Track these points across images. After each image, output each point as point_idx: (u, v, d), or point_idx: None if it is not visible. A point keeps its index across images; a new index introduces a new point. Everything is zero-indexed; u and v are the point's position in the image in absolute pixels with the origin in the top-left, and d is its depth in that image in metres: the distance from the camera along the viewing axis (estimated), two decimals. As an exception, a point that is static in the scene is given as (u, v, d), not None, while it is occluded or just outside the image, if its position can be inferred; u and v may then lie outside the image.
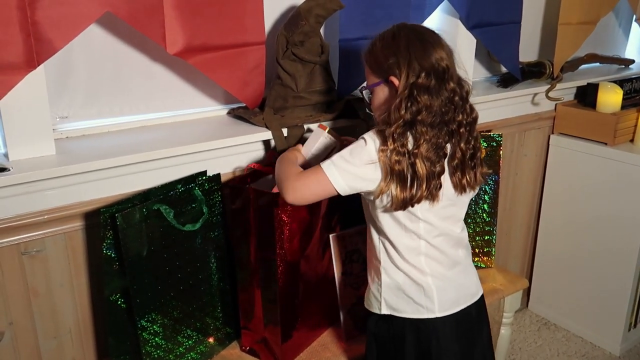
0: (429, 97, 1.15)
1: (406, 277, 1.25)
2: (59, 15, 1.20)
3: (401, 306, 1.26)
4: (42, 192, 1.29)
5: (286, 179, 1.23)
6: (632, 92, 2.41)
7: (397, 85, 1.18)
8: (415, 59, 1.17)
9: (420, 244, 1.23)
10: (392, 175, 1.15)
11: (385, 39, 1.22)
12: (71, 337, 1.42)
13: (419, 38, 1.19)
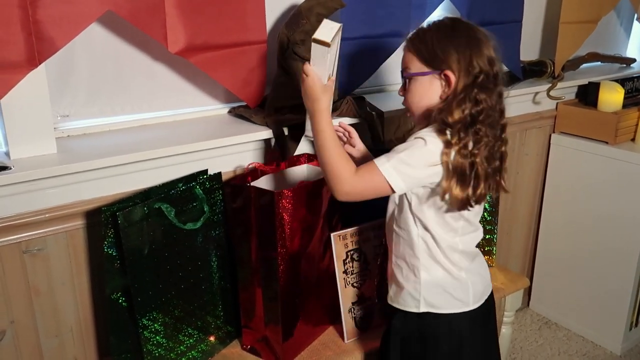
0: (488, 98, 1.17)
1: (446, 273, 1.26)
2: (61, 14, 1.20)
3: (440, 302, 1.27)
4: (43, 191, 1.29)
5: (339, 176, 1.18)
6: (634, 91, 2.40)
7: (453, 81, 1.18)
8: (475, 57, 1.18)
9: (457, 240, 1.26)
10: (454, 175, 1.15)
11: (443, 29, 1.21)
12: (72, 336, 1.42)
13: (476, 36, 1.20)
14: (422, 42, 1.22)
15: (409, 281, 1.29)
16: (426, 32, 1.22)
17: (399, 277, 1.31)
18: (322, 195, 1.45)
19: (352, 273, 1.52)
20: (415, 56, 1.22)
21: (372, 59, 1.81)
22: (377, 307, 1.55)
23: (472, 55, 1.18)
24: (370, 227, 1.54)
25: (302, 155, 1.59)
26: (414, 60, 1.22)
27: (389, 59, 1.85)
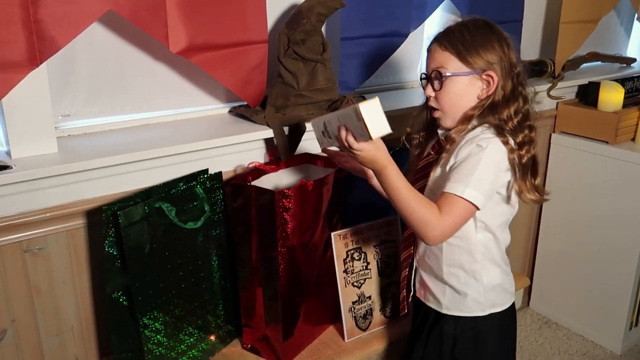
0: (527, 97, 1.24)
1: (501, 271, 1.29)
2: (62, 13, 1.20)
3: (501, 300, 1.30)
4: (44, 190, 1.29)
5: (427, 223, 1.12)
6: (634, 90, 2.40)
7: (496, 81, 1.19)
8: (512, 56, 1.21)
9: (506, 236, 1.30)
10: (524, 171, 1.19)
11: (481, 29, 1.21)
12: (73, 335, 1.42)
13: (506, 35, 1.23)
14: (461, 42, 1.19)
15: (470, 286, 1.27)
16: (464, 32, 1.20)
17: (456, 285, 1.28)
18: (322, 195, 1.45)
19: (352, 272, 1.52)
20: (453, 56, 1.19)
21: (373, 59, 1.81)
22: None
23: (510, 55, 1.20)
24: (370, 227, 1.54)
25: (303, 154, 1.59)
26: (452, 60, 1.20)
27: (390, 58, 1.85)
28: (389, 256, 1.59)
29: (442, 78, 1.20)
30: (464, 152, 1.17)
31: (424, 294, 1.35)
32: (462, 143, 1.19)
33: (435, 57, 1.22)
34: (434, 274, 1.30)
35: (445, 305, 1.30)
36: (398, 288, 1.60)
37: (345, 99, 1.65)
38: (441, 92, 1.22)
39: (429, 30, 2.07)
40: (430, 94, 1.24)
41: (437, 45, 1.22)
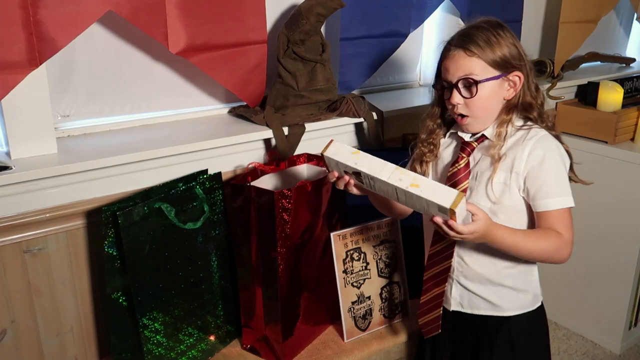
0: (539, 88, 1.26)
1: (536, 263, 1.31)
2: (61, 14, 1.20)
3: (540, 291, 1.33)
4: (43, 191, 1.30)
5: (554, 253, 1.18)
6: (633, 90, 2.40)
7: (522, 80, 1.20)
8: (525, 53, 1.22)
9: None
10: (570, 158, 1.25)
11: (499, 29, 1.19)
12: (73, 335, 1.43)
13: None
14: (486, 45, 1.17)
15: (526, 282, 1.29)
16: (485, 34, 1.17)
17: (512, 284, 1.28)
18: (321, 195, 1.45)
19: (351, 272, 1.52)
20: (481, 60, 1.17)
21: (373, 59, 1.81)
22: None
23: (524, 51, 1.22)
24: (369, 227, 1.54)
25: (302, 155, 1.59)
26: (481, 64, 1.17)
27: (389, 58, 1.85)
28: (389, 256, 1.59)
29: (474, 85, 1.17)
30: (534, 159, 1.18)
31: (468, 304, 1.31)
32: (513, 145, 1.21)
33: (462, 64, 1.18)
34: (486, 279, 1.27)
35: (503, 307, 1.29)
36: (399, 289, 1.60)
37: (344, 100, 1.65)
38: (474, 99, 1.19)
39: (428, 31, 2.08)
40: (458, 101, 1.20)
41: (461, 51, 1.18)
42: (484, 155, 1.24)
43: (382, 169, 1.08)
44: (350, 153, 1.12)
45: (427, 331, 1.33)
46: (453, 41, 1.20)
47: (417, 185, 1.05)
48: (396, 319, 1.62)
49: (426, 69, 2.13)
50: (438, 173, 1.33)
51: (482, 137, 1.25)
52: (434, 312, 1.30)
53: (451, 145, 1.32)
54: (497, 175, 1.21)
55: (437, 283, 1.29)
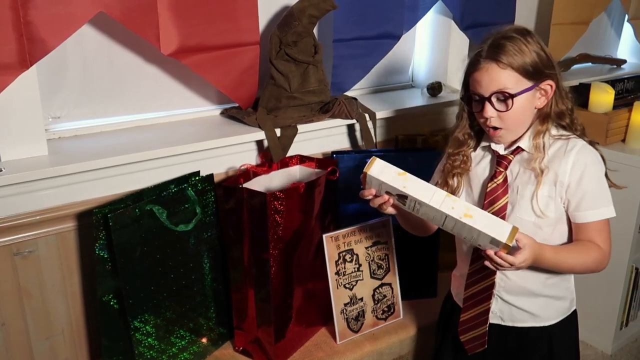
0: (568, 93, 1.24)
1: None
2: (52, 16, 1.20)
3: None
4: (34, 193, 1.29)
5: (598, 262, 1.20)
6: (624, 92, 2.41)
7: (554, 88, 1.17)
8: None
9: None
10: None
11: (528, 36, 1.15)
12: (64, 338, 1.42)
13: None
14: (521, 56, 1.13)
15: (566, 289, 1.30)
16: (517, 44, 1.13)
17: (554, 293, 1.28)
18: (314, 197, 1.45)
19: (344, 274, 1.52)
20: (515, 72, 1.13)
21: (365, 61, 1.81)
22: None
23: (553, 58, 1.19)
24: (362, 229, 1.54)
25: (295, 156, 1.59)
26: (515, 77, 1.13)
27: (382, 60, 1.85)
28: (381, 258, 1.59)
29: (509, 99, 1.14)
30: (577, 171, 1.18)
31: (509, 317, 1.29)
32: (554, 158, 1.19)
33: (495, 78, 1.13)
34: (529, 291, 1.26)
35: (544, 317, 1.29)
36: (391, 290, 1.60)
37: (337, 101, 1.65)
38: (510, 112, 1.15)
39: (421, 32, 2.08)
40: (492, 115, 1.16)
41: (493, 63, 1.13)
42: (522, 168, 1.21)
43: (432, 196, 1.06)
44: (397, 174, 1.08)
45: (471, 347, 1.30)
46: (483, 52, 1.15)
47: (470, 215, 1.04)
48: (389, 321, 1.62)
49: (418, 71, 2.14)
50: (473, 189, 1.27)
51: (517, 149, 1.21)
52: (480, 329, 1.28)
53: (485, 159, 1.27)
54: (542, 189, 1.18)
55: (481, 300, 1.26)
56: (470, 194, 1.28)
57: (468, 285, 1.27)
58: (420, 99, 1.97)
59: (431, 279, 1.74)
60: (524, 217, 1.19)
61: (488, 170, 1.25)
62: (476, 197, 1.26)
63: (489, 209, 1.20)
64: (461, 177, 1.28)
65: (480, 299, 1.26)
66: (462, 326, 1.30)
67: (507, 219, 1.20)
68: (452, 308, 1.38)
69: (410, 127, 1.90)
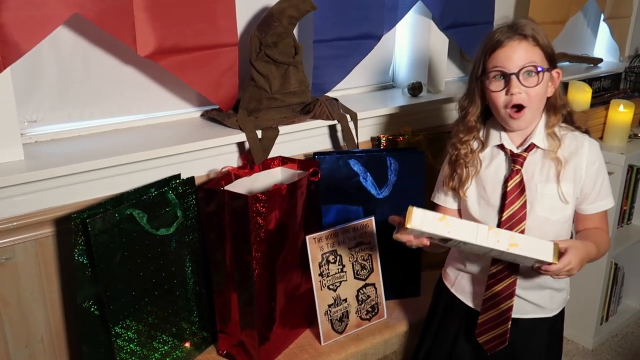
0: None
1: None
2: (26, 18, 1.17)
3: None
4: (10, 199, 1.26)
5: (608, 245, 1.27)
6: (601, 90, 2.46)
7: (559, 78, 1.24)
8: None
9: None
10: None
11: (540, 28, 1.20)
12: (43, 346, 1.39)
13: None
14: (543, 40, 1.19)
15: (566, 281, 1.34)
16: (538, 29, 1.19)
17: (557, 285, 1.31)
18: (296, 198, 1.44)
19: (327, 275, 1.52)
20: (542, 52, 1.18)
21: (346, 61, 1.81)
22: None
23: None
24: (345, 230, 1.54)
25: (276, 158, 1.58)
26: (541, 56, 1.19)
27: (362, 60, 1.86)
28: (364, 258, 1.59)
29: (539, 73, 1.17)
30: (590, 167, 1.22)
31: (518, 309, 1.29)
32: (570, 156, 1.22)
33: (525, 52, 1.16)
34: (537, 284, 1.28)
35: (550, 308, 1.33)
36: (375, 290, 1.60)
37: (318, 102, 1.65)
38: (537, 86, 1.18)
39: (401, 33, 2.09)
40: (519, 90, 1.17)
41: (524, 41, 1.16)
42: (539, 166, 1.23)
43: (477, 234, 1.08)
44: (437, 220, 1.08)
45: (492, 347, 1.30)
46: (508, 32, 1.18)
47: (516, 244, 1.07)
48: (373, 321, 1.62)
49: (399, 71, 2.14)
50: (487, 191, 1.26)
51: (530, 146, 1.22)
52: (501, 327, 1.28)
53: (496, 160, 1.27)
54: (564, 186, 1.21)
55: (504, 298, 1.26)
56: (485, 196, 1.26)
57: (489, 286, 1.26)
58: (401, 99, 1.98)
59: (415, 279, 1.75)
60: (544, 214, 1.22)
61: (502, 171, 1.25)
62: (492, 198, 1.25)
63: (508, 209, 1.21)
64: (468, 168, 1.27)
65: (502, 298, 1.26)
66: (480, 327, 1.29)
67: (527, 217, 1.22)
68: (450, 303, 1.39)
69: (392, 127, 1.90)
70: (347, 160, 1.62)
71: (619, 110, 2.21)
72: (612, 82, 2.55)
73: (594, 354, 2.33)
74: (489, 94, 1.20)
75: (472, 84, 1.25)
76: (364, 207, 1.64)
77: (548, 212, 1.22)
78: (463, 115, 1.29)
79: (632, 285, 2.58)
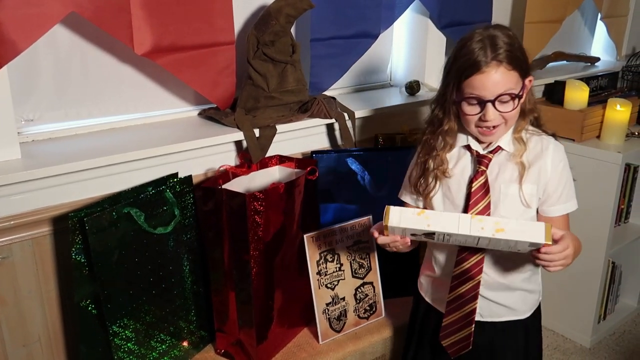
0: None
1: None
2: (22, 16, 1.17)
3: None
4: (7, 198, 1.26)
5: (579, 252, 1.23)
6: (598, 89, 2.46)
7: (531, 84, 1.21)
8: None
9: None
10: None
11: (512, 32, 1.17)
12: (41, 345, 1.39)
13: None
14: (518, 55, 1.14)
15: (536, 282, 1.33)
16: (513, 43, 1.14)
17: (527, 286, 1.30)
18: (294, 197, 1.44)
19: (325, 274, 1.52)
20: (517, 73, 1.14)
21: (343, 60, 1.81)
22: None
23: None
24: (343, 229, 1.54)
25: (274, 156, 1.58)
26: (516, 77, 1.14)
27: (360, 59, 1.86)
28: (362, 257, 1.59)
29: (515, 99, 1.15)
30: (555, 169, 1.21)
31: (488, 313, 1.30)
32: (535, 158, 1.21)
33: (502, 80, 1.12)
34: (507, 287, 1.28)
35: (521, 310, 1.32)
36: (372, 289, 1.60)
37: (315, 100, 1.64)
38: (512, 112, 1.16)
39: (398, 31, 2.09)
40: (495, 117, 1.15)
41: (501, 66, 1.12)
42: (503, 167, 1.22)
43: (458, 223, 1.06)
44: (415, 215, 1.07)
45: (455, 350, 1.29)
46: (482, 55, 1.12)
47: (502, 229, 1.04)
48: (371, 319, 1.62)
49: (396, 70, 2.14)
50: (452, 190, 1.26)
51: (497, 148, 1.22)
52: (465, 330, 1.27)
53: (462, 160, 1.26)
54: (526, 186, 1.21)
55: (467, 300, 1.25)
56: (450, 196, 1.26)
57: (453, 288, 1.26)
58: (399, 98, 1.98)
59: (413, 277, 1.74)
60: (508, 215, 1.20)
61: (467, 171, 1.25)
62: (457, 199, 1.25)
63: (473, 210, 1.20)
64: (437, 177, 1.26)
65: (466, 300, 1.25)
66: (444, 330, 1.29)
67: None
68: (426, 312, 1.38)
69: (389, 125, 1.90)
70: (344, 159, 1.62)
71: (616, 109, 2.21)
72: (610, 80, 2.55)
73: (591, 352, 2.34)
74: (463, 115, 1.19)
75: (446, 100, 1.22)
76: (361, 206, 1.64)
77: (511, 213, 1.21)
78: (440, 132, 1.25)
79: (630, 283, 2.59)
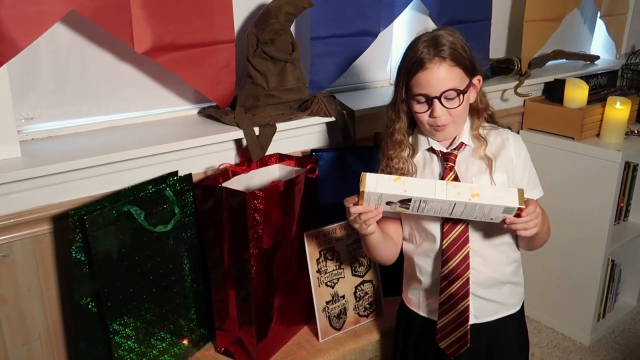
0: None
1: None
2: (22, 14, 1.17)
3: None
4: (7, 196, 1.26)
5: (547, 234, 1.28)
6: (598, 87, 2.46)
7: (480, 83, 1.25)
8: None
9: None
10: None
11: (462, 36, 1.21)
12: (41, 343, 1.39)
13: None
14: (462, 53, 1.18)
15: (521, 275, 1.36)
16: (456, 42, 1.18)
17: (514, 279, 1.33)
18: (294, 195, 1.44)
19: (325, 272, 1.52)
20: (461, 70, 1.18)
21: (343, 58, 1.81)
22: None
23: None
24: (342, 226, 1.54)
25: (274, 155, 1.58)
26: (460, 74, 1.19)
27: (359, 57, 1.86)
28: (362, 255, 1.59)
29: (461, 95, 1.19)
30: (519, 156, 1.26)
31: (482, 313, 1.30)
32: (499, 147, 1.25)
33: (445, 76, 1.17)
34: (497, 281, 1.29)
35: (511, 304, 1.33)
36: (372, 287, 1.61)
37: (315, 99, 1.64)
38: (459, 108, 1.20)
39: (398, 30, 2.09)
40: (442, 113, 1.19)
41: (444, 63, 1.16)
42: (470, 161, 1.25)
43: (435, 189, 1.06)
44: (392, 181, 1.07)
45: (454, 350, 1.29)
46: (426, 53, 1.17)
47: (477, 194, 1.05)
48: (370, 317, 1.62)
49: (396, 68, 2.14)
50: None
51: (460, 145, 1.25)
52: (461, 329, 1.28)
53: (429, 163, 1.29)
54: (497, 175, 1.24)
55: (460, 299, 1.25)
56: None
57: (443, 289, 1.26)
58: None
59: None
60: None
61: (437, 172, 1.27)
62: None
63: None
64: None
65: (458, 299, 1.26)
66: (440, 332, 1.30)
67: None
68: (422, 325, 1.37)
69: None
70: (344, 157, 1.62)
71: (615, 107, 2.22)
72: (609, 79, 2.55)
73: (590, 350, 2.34)
74: (415, 114, 1.24)
75: (397, 100, 1.26)
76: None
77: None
78: (391, 132, 1.29)
79: (629, 281, 2.59)
